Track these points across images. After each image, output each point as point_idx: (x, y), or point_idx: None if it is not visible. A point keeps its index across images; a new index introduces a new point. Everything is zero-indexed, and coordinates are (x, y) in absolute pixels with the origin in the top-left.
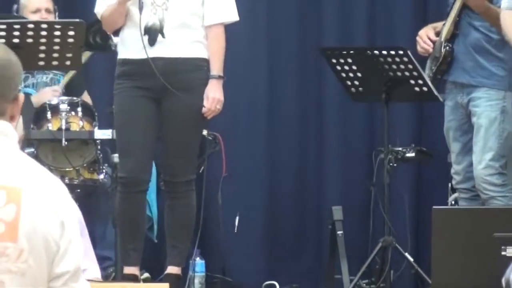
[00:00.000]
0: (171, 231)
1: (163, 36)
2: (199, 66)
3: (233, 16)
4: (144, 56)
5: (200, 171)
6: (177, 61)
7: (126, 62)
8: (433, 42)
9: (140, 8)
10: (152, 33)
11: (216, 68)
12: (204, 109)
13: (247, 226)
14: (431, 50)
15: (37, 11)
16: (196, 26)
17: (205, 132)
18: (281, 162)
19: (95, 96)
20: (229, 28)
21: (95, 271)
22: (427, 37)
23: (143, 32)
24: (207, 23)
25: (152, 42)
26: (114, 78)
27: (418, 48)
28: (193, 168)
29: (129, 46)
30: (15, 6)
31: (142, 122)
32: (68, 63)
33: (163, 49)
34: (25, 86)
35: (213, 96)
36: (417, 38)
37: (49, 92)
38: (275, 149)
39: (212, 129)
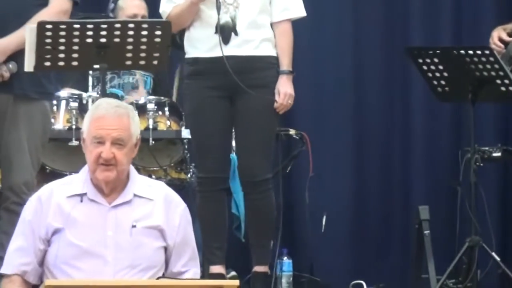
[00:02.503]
0: (253, 231)
1: (236, 34)
2: (270, 64)
3: (300, 11)
4: (215, 55)
5: (287, 171)
6: (249, 59)
7: (197, 61)
8: (506, 43)
9: (218, 8)
10: (226, 32)
11: (286, 63)
12: (276, 104)
13: (334, 226)
14: (503, 51)
15: (134, 17)
16: (265, 24)
17: (292, 132)
18: (367, 161)
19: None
20: (315, 27)
21: (196, 273)
22: (497, 39)
23: (217, 31)
24: (275, 20)
25: (226, 40)
26: (183, 78)
27: None
28: (269, 167)
29: (199, 45)
30: (111, 5)
31: (216, 121)
32: (155, 62)
33: (236, 48)
34: (111, 87)
35: (285, 91)
36: (490, 39)
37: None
38: (361, 149)
39: (299, 128)
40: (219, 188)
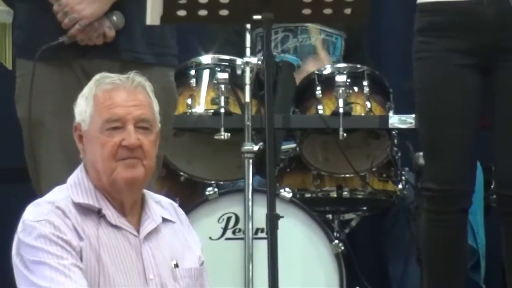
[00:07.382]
0: None
1: None
2: None
3: None
4: None
5: None
6: None
7: (439, 7)
8: None
9: None
10: None
11: None
12: None
13: None
14: None
15: None
16: None
17: None
18: None
19: (385, 63)
20: None
21: None
22: None
23: None
24: None
25: None
26: (415, 32)
27: None
28: None
29: None
30: None
31: (461, 105)
32: (347, 11)
33: None
34: (283, 51)
35: None
36: None
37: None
38: None
39: None
40: (457, 207)
